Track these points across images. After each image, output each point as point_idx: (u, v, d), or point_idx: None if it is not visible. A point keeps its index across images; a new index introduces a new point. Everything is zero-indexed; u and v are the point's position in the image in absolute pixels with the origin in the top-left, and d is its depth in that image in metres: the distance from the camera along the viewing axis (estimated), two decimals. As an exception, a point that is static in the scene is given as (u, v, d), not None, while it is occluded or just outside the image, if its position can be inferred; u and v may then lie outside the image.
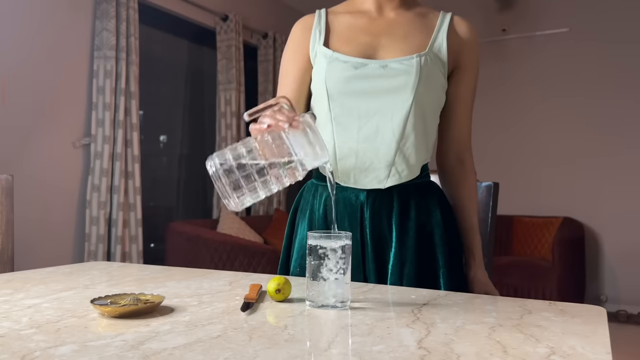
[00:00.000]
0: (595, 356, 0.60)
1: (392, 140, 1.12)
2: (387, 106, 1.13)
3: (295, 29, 1.27)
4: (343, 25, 1.22)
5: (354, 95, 1.14)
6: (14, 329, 0.70)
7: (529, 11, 4.71)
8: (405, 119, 1.12)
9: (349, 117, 1.14)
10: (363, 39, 1.18)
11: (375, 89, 1.13)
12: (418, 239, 1.14)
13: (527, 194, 4.60)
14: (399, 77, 1.12)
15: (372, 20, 1.21)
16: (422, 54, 1.14)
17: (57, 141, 3.01)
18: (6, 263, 1.38)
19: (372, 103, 1.13)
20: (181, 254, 3.38)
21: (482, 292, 1.15)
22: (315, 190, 1.23)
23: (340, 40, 1.20)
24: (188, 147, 4.33)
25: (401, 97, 1.12)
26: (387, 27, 1.20)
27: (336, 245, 0.83)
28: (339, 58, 1.16)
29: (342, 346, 0.64)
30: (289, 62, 1.25)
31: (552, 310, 0.82)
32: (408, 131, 1.13)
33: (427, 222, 1.16)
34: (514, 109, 4.76)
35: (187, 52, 4.32)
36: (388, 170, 1.14)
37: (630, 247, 4.25)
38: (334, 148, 1.15)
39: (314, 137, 0.83)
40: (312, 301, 0.83)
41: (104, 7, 3.17)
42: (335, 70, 1.15)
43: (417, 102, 1.12)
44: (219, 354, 0.60)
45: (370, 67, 1.14)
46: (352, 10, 1.25)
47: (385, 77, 1.13)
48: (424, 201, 1.17)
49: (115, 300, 0.80)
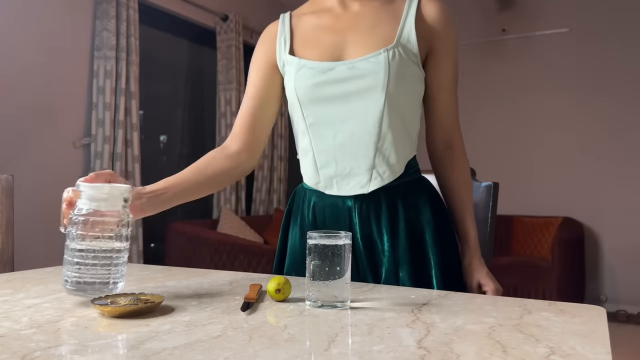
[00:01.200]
0: (595, 356, 0.60)
1: (369, 143, 1.10)
2: (359, 109, 1.09)
3: (260, 39, 1.26)
4: (307, 28, 1.19)
5: (325, 101, 1.11)
6: (14, 329, 0.70)
7: (528, 11, 4.71)
8: (379, 120, 1.09)
9: (323, 124, 1.12)
10: (329, 39, 1.15)
11: (345, 92, 1.10)
12: (409, 239, 1.11)
13: (527, 194, 4.60)
14: (368, 77, 1.08)
15: (336, 17, 1.17)
16: (389, 48, 1.09)
17: (57, 141, 3.01)
18: (6, 263, 1.38)
19: (344, 107, 1.10)
20: (181, 254, 3.38)
21: (476, 282, 1.12)
22: (304, 195, 1.21)
23: (305, 44, 1.17)
24: (188, 147, 4.33)
25: (372, 98, 1.08)
26: (352, 21, 1.15)
27: (336, 244, 0.83)
28: (306, 65, 1.13)
29: (342, 346, 0.64)
30: (252, 74, 1.25)
31: (552, 310, 0.82)
32: (384, 131, 1.09)
33: (416, 220, 1.13)
34: (513, 108, 4.76)
35: (187, 52, 4.32)
36: (369, 174, 1.11)
37: (630, 247, 4.25)
38: (314, 157, 1.14)
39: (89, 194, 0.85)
40: (312, 301, 0.83)
41: (104, 7, 3.17)
42: (303, 77, 1.13)
43: (390, 100, 1.08)
44: (219, 354, 0.60)
45: (337, 70, 1.10)
46: (316, 9, 1.21)
47: (353, 78, 1.09)
48: (412, 199, 1.13)
49: (115, 300, 0.80)
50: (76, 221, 0.84)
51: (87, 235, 0.83)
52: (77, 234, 0.83)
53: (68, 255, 0.84)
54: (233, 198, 4.22)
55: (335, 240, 0.84)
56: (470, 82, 4.71)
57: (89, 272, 0.83)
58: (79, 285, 0.83)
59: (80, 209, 0.84)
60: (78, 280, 0.83)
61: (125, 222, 0.87)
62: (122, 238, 0.86)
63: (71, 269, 0.83)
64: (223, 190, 4.19)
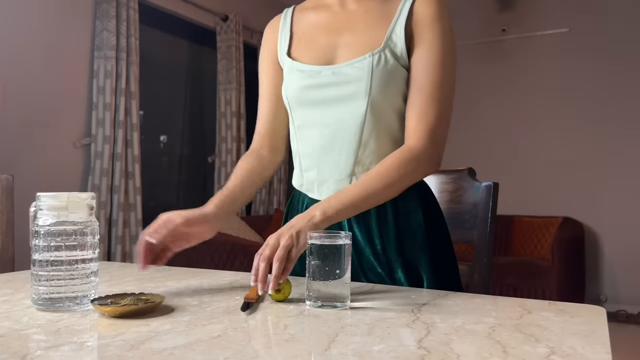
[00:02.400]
0: (595, 356, 0.60)
1: (350, 149, 1.08)
2: (341, 115, 1.08)
3: (264, 37, 1.25)
4: (307, 26, 1.18)
5: (311, 105, 1.11)
6: (14, 329, 0.70)
7: (529, 11, 4.71)
8: (361, 127, 1.06)
9: (309, 128, 1.13)
10: (324, 40, 1.14)
11: (329, 97, 1.09)
12: (399, 242, 1.09)
13: (527, 194, 4.60)
14: (351, 84, 1.06)
15: (334, 15, 1.15)
16: (375, 52, 1.05)
17: (57, 141, 3.01)
18: (6, 263, 1.38)
19: (328, 112, 1.09)
20: (181, 253, 3.37)
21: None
22: (299, 196, 1.21)
23: (301, 44, 1.17)
24: (188, 147, 4.33)
25: (355, 104, 1.06)
26: (348, 21, 1.13)
27: (336, 245, 0.83)
28: (297, 67, 1.13)
29: (342, 346, 0.64)
30: (262, 73, 1.25)
31: (551, 310, 0.82)
32: (365, 139, 1.07)
33: (406, 224, 1.10)
34: (513, 108, 4.76)
35: (187, 52, 4.32)
36: (349, 180, 1.09)
37: (630, 247, 4.25)
38: (299, 159, 1.15)
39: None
40: (312, 301, 0.83)
41: (104, 7, 3.17)
42: (292, 80, 1.13)
43: (372, 107, 1.06)
44: (219, 354, 0.60)
45: (322, 74, 1.09)
46: (317, 4, 1.19)
47: (337, 84, 1.08)
48: (401, 203, 1.09)
49: (115, 300, 0.80)
50: (39, 233, 0.80)
51: (50, 246, 0.80)
52: (41, 246, 0.80)
53: (33, 269, 0.81)
54: (233, 198, 4.21)
55: (335, 240, 0.84)
56: (470, 82, 4.71)
57: (56, 286, 0.79)
58: (45, 301, 0.79)
59: (45, 219, 0.81)
60: (46, 295, 0.79)
61: (90, 230, 0.83)
62: (88, 247, 0.83)
63: (37, 283, 0.80)
64: (223, 190, 4.18)
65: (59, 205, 0.81)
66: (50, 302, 0.80)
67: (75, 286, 0.81)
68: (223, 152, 4.22)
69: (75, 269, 0.81)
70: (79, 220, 0.82)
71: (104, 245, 3.15)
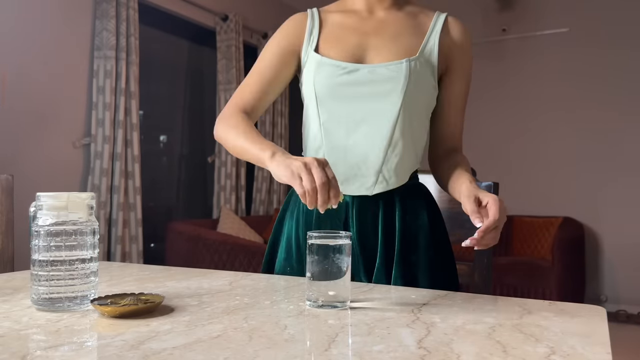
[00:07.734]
0: (595, 356, 0.60)
1: (380, 147, 1.11)
2: (375, 112, 1.11)
3: (288, 25, 1.22)
4: (334, 24, 1.20)
5: (342, 100, 1.12)
6: (14, 329, 0.70)
7: (529, 11, 4.71)
8: (393, 126, 1.10)
9: (337, 123, 1.13)
10: (353, 39, 1.16)
11: (363, 94, 1.11)
12: (402, 241, 1.12)
13: (527, 194, 4.60)
14: (388, 83, 1.10)
15: (362, 19, 1.19)
16: (412, 59, 1.12)
17: (57, 141, 3.01)
18: (6, 263, 1.38)
19: (360, 109, 1.11)
20: (181, 254, 3.38)
21: (474, 196, 0.97)
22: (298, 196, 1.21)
23: (330, 41, 1.17)
24: (188, 147, 4.33)
25: (390, 101, 1.10)
26: (377, 27, 1.18)
27: (336, 244, 0.83)
28: (328, 62, 1.14)
29: (342, 346, 0.64)
30: (271, 52, 1.20)
31: (552, 310, 0.82)
32: (396, 137, 1.11)
33: (412, 223, 1.13)
34: (513, 108, 4.76)
35: (187, 52, 4.32)
36: (375, 178, 1.12)
37: (630, 247, 4.25)
38: (324, 155, 1.15)
39: None
40: (312, 301, 0.83)
41: (104, 7, 3.17)
42: (323, 75, 1.13)
43: (405, 107, 1.10)
44: (219, 354, 0.60)
45: (358, 72, 1.12)
46: (343, 9, 1.23)
47: (373, 82, 1.11)
48: (410, 202, 1.15)
49: (115, 300, 0.80)
50: (39, 233, 0.80)
51: (50, 246, 0.79)
52: (41, 246, 0.79)
53: (33, 269, 0.80)
54: (233, 198, 4.22)
55: (335, 240, 0.84)
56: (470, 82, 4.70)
57: (56, 286, 0.79)
58: (45, 301, 0.79)
59: (44, 219, 0.80)
60: (46, 295, 0.79)
61: (90, 230, 0.83)
62: (88, 247, 0.82)
63: (37, 283, 0.80)
64: (223, 190, 4.19)
65: (58, 205, 0.81)
66: (50, 302, 0.80)
67: (75, 286, 0.80)
68: (223, 152, 4.22)
69: (75, 269, 0.81)
70: (79, 220, 0.82)
71: (104, 245, 3.15)
